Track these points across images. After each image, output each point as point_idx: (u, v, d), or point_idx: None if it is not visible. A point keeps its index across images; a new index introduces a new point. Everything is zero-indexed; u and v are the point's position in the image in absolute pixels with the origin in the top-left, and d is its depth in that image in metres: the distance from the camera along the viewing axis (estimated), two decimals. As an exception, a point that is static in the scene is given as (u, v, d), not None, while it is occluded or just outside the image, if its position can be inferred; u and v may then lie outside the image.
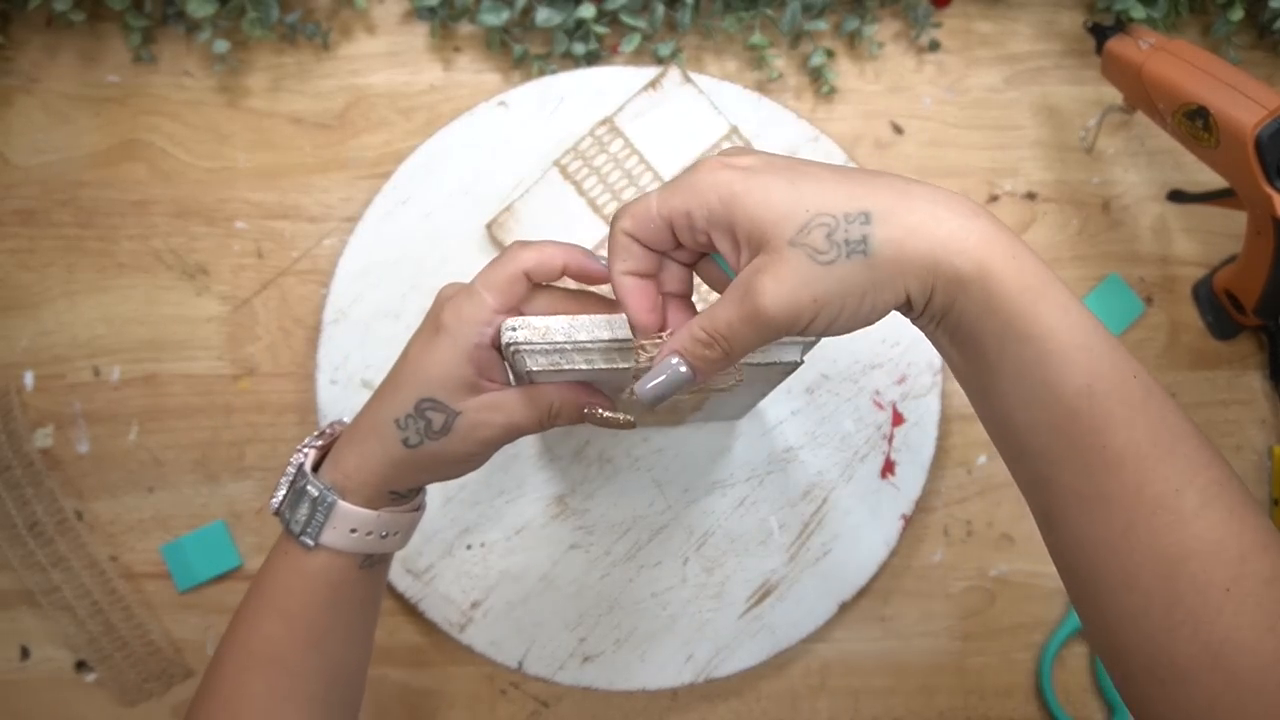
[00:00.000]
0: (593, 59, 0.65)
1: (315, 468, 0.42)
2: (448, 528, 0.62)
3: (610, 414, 0.41)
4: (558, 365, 0.38)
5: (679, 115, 0.63)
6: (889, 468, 0.63)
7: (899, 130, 0.66)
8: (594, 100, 0.64)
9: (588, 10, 0.63)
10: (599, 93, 0.64)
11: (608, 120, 0.63)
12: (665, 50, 0.65)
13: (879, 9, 0.67)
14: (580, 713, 0.63)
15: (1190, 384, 0.66)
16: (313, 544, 0.40)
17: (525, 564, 0.62)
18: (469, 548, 0.62)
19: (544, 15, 0.63)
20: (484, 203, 0.63)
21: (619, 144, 0.63)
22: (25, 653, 0.63)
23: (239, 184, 0.65)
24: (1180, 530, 0.31)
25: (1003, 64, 0.67)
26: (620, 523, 0.62)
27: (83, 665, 0.62)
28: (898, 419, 0.63)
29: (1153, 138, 0.67)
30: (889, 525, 0.62)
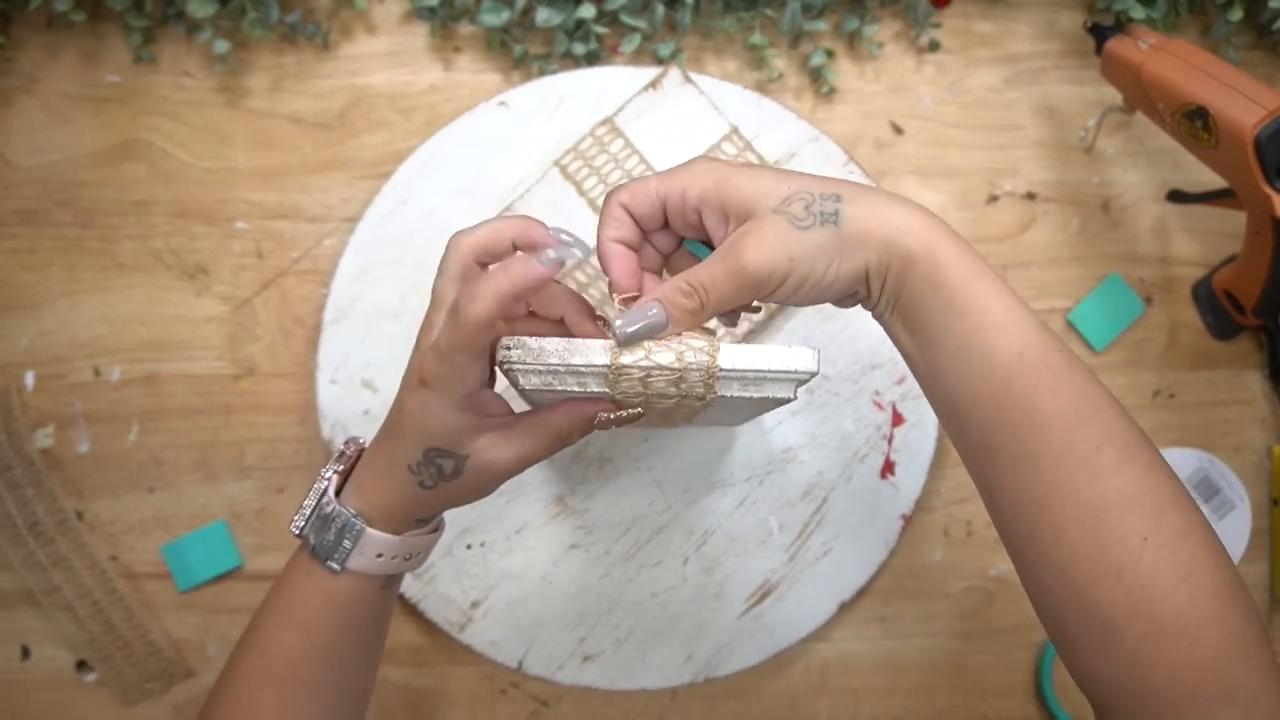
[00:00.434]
0: (593, 59, 0.65)
1: (338, 491, 0.42)
2: (448, 528, 0.61)
3: (618, 414, 0.41)
4: (550, 385, 0.39)
5: (679, 115, 0.63)
6: (889, 468, 0.63)
7: (899, 130, 0.66)
8: (594, 100, 0.64)
9: (588, 10, 0.63)
10: (599, 93, 0.64)
11: (608, 120, 0.63)
12: (665, 50, 0.65)
13: (879, 9, 0.67)
14: (580, 712, 0.63)
15: (1190, 384, 0.66)
16: (340, 569, 0.41)
17: (525, 564, 0.62)
18: (469, 547, 0.62)
19: (544, 15, 0.63)
20: (484, 203, 0.63)
21: (619, 144, 0.63)
22: (26, 652, 0.63)
23: (239, 184, 0.65)
24: (1102, 484, 0.34)
25: (1003, 64, 0.67)
26: (620, 522, 0.62)
27: (83, 665, 0.62)
28: (897, 419, 0.63)
29: (1152, 138, 0.67)
30: (889, 525, 0.62)
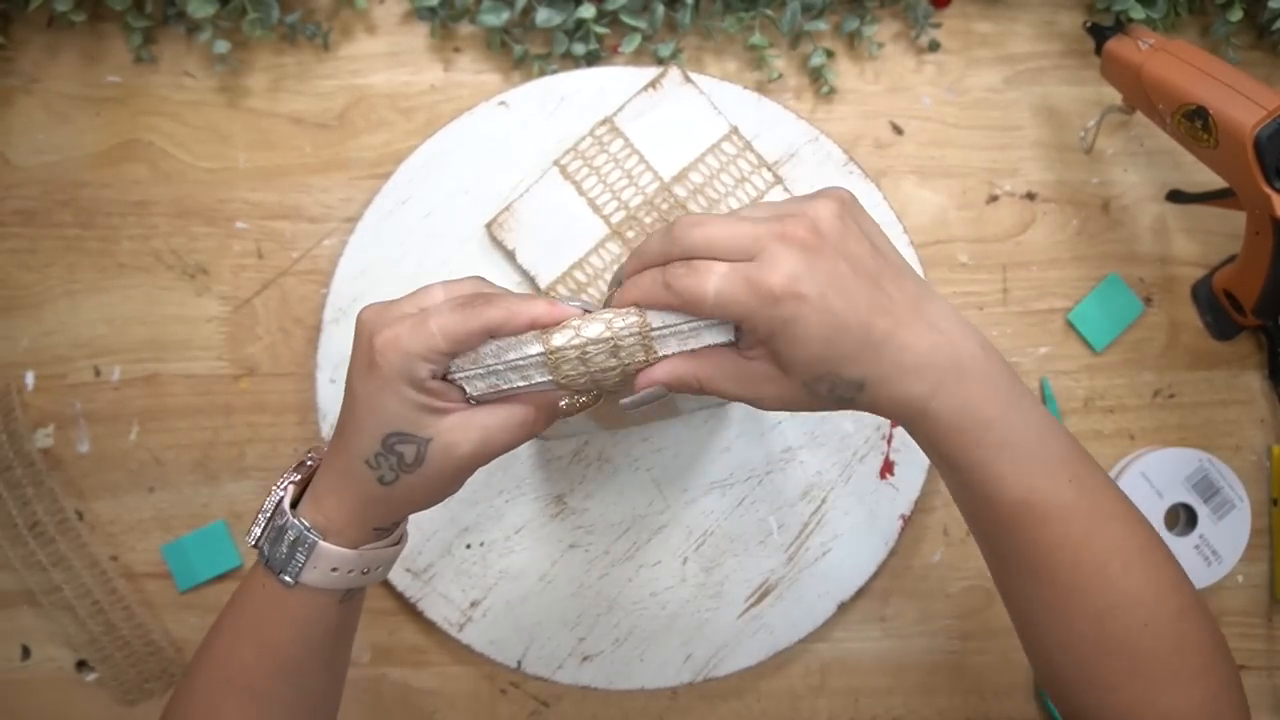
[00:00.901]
0: (593, 59, 0.65)
1: (295, 502, 0.41)
2: (447, 527, 0.62)
3: (573, 399, 0.41)
4: (496, 387, 0.38)
5: (679, 115, 0.63)
6: (888, 468, 0.63)
7: (899, 130, 0.66)
8: (594, 100, 0.64)
9: (588, 10, 0.63)
10: (599, 93, 0.64)
11: (608, 120, 0.64)
12: (665, 50, 0.65)
13: (879, 9, 0.67)
14: (580, 712, 0.63)
15: (1190, 384, 0.66)
16: (293, 582, 0.40)
17: (524, 563, 0.62)
18: (468, 547, 0.62)
19: (544, 15, 0.63)
20: (484, 203, 0.63)
21: (619, 144, 0.63)
22: (26, 652, 0.63)
23: (239, 184, 0.65)
24: (1110, 589, 0.38)
25: (1002, 64, 0.67)
26: (619, 522, 0.62)
27: (83, 665, 0.62)
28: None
29: (1152, 138, 0.67)
30: (888, 525, 0.62)
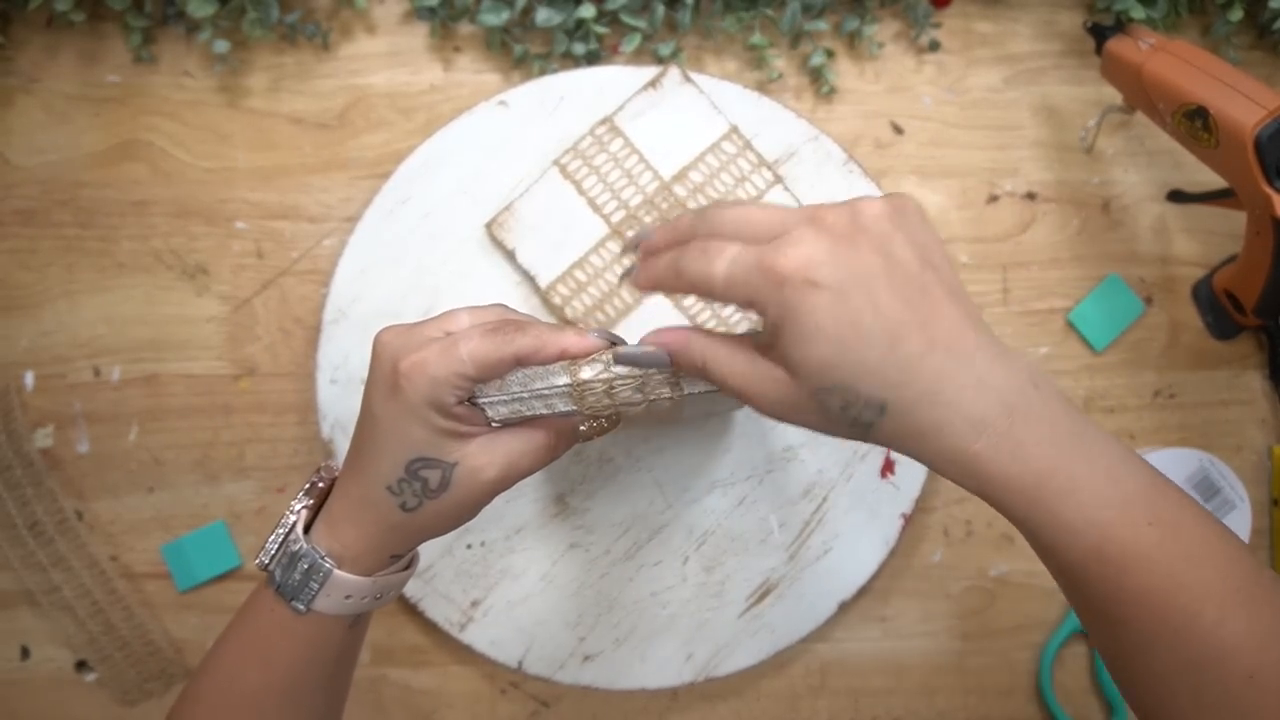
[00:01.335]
0: (593, 59, 0.65)
1: (307, 526, 0.41)
2: (448, 527, 0.62)
3: (594, 423, 0.41)
4: (519, 413, 0.38)
5: (679, 115, 0.63)
6: (889, 467, 0.63)
7: (899, 130, 0.66)
8: (594, 100, 0.64)
9: (588, 10, 0.63)
10: (599, 92, 0.64)
11: (608, 120, 0.63)
12: (665, 50, 0.65)
13: (879, 9, 0.67)
14: (580, 712, 0.63)
15: (1190, 384, 0.66)
16: (305, 610, 0.40)
17: (525, 563, 0.62)
18: (469, 547, 0.62)
19: (544, 15, 0.63)
20: (484, 202, 0.63)
21: (619, 143, 0.63)
22: (25, 652, 0.63)
23: (239, 184, 0.65)
24: (1200, 643, 0.32)
25: (1003, 64, 0.67)
26: (620, 522, 0.62)
27: (83, 665, 0.62)
28: (898, 419, 0.63)
29: (1152, 138, 0.67)
30: (889, 525, 0.62)
